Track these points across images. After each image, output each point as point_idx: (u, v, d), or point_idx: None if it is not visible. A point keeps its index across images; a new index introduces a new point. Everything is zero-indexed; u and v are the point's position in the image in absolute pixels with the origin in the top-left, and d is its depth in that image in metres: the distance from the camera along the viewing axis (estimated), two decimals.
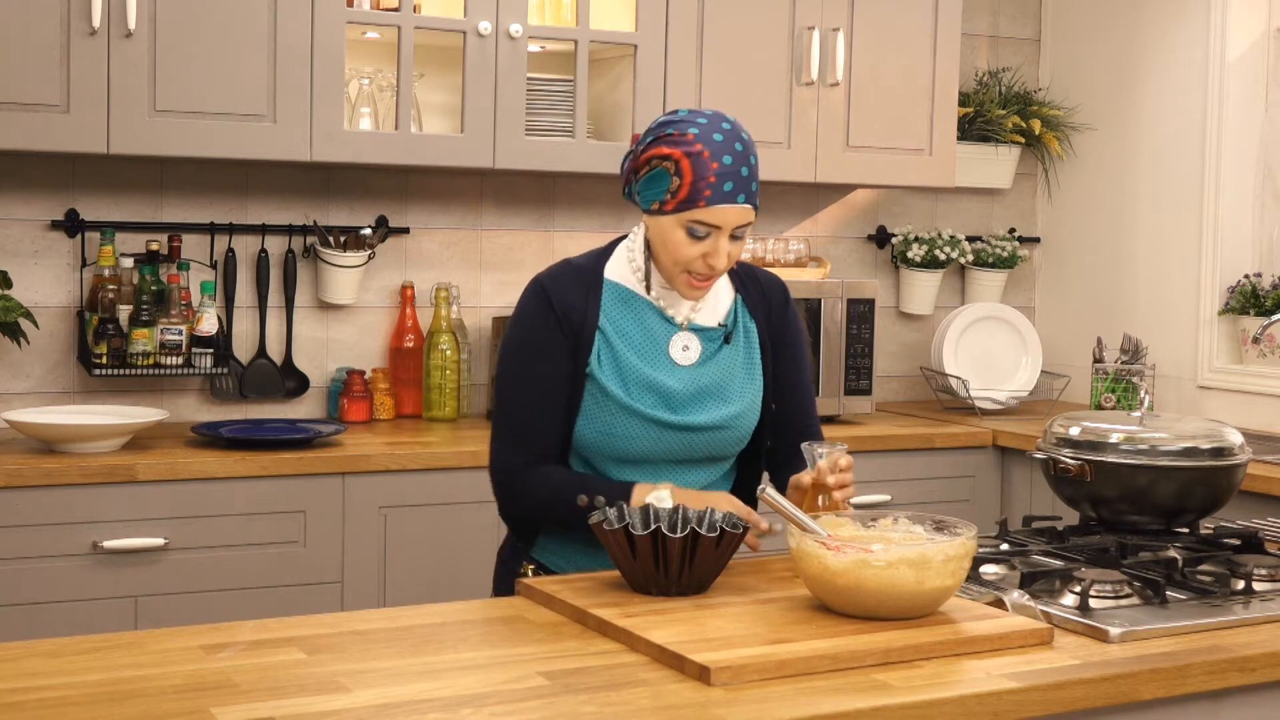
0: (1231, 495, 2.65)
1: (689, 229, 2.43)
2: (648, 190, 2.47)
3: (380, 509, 3.67)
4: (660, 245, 2.48)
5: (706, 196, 2.41)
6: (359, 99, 4.05)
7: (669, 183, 2.43)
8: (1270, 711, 2.11)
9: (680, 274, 2.48)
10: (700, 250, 2.44)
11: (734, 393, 2.56)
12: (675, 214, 2.44)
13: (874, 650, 1.95)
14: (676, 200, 2.43)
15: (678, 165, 2.42)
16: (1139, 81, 4.88)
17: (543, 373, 2.50)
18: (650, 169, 2.45)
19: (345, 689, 1.79)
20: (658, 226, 2.47)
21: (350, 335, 4.27)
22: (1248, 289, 4.56)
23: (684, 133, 2.42)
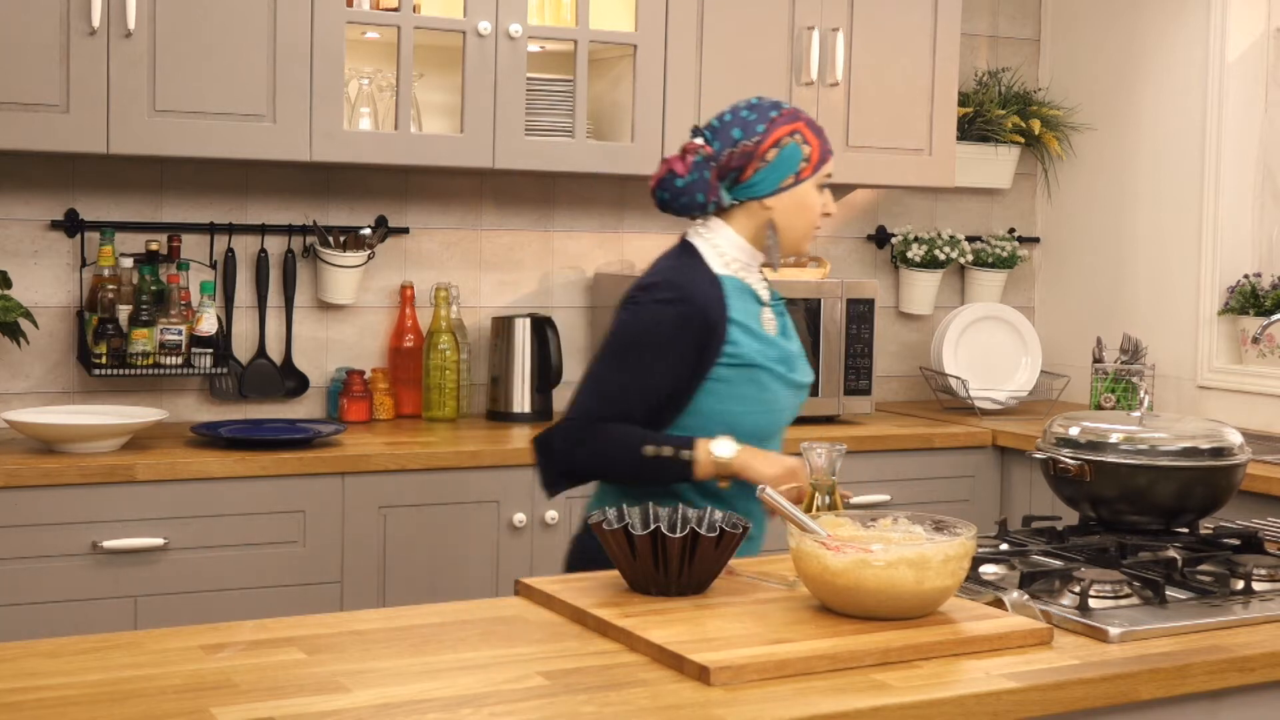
0: (1231, 495, 2.65)
1: (820, 185, 2.74)
2: (778, 170, 2.69)
3: (380, 509, 3.67)
4: (798, 212, 2.73)
5: (829, 152, 2.75)
6: (359, 99, 4.05)
7: (804, 151, 2.70)
8: (1269, 711, 2.11)
9: (812, 229, 2.77)
10: (824, 201, 2.76)
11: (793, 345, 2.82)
12: (813, 176, 2.72)
13: (873, 650, 1.95)
14: (812, 164, 2.72)
15: (803, 135, 2.70)
16: (1139, 81, 4.88)
17: (660, 368, 2.64)
18: (780, 149, 2.69)
19: (345, 689, 1.79)
20: (794, 197, 2.72)
21: (350, 335, 4.27)
22: (1247, 289, 4.56)
23: (781, 110, 2.72)
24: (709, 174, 2.70)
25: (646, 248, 4.61)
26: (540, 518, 3.82)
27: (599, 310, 4.52)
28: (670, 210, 2.76)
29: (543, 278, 4.50)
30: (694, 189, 2.70)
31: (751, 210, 2.72)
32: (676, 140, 4.22)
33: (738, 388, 2.67)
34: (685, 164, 2.70)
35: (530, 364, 4.27)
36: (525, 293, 4.48)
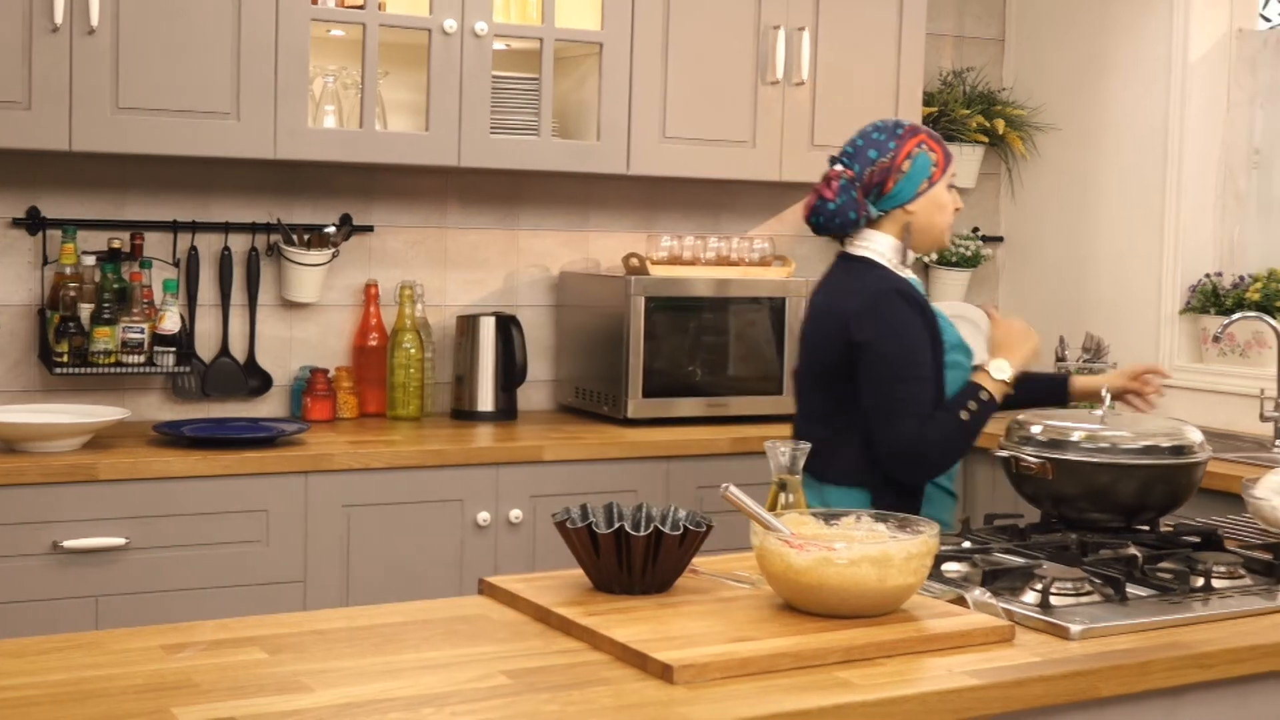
0: (1191, 493, 2.67)
1: (949, 185, 3.08)
2: (912, 179, 3.04)
3: (343, 508, 3.66)
4: (935, 213, 3.08)
5: (950, 155, 3.10)
6: (323, 97, 4.04)
7: (931, 158, 3.05)
8: (1229, 708, 2.13)
9: (948, 227, 3.11)
10: (953, 199, 3.11)
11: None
12: (943, 177, 3.07)
13: (836, 648, 1.95)
14: (941, 168, 3.06)
15: (928, 144, 3.06)
16: (1102, 82, 4.91)
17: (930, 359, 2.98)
18: (913, 159, 3.04)
19: (307, 688, 1.79)
20: (928, 200, 3.06)
21: (314, 334, 4.26)
22: (1208, 288, 4.59)
23: (904, 126, 3.08)
24: (855, 193, 3.03)
25: (611, 246, 4.61)
26: (504, 517, 3.81)
27: (564, 309, 4.52)
28: (825, 232, 3.09)
29: (508, 276, 4.50)
30: (845, 209, 3.02)
31: (896, 217, 3.06)
32: (642, 138, 4.23)
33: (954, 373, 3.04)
34: (832, 189, 3.03)
35: (495, 363, 4.27)
36: (490, 291, 4.47)
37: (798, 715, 1.76)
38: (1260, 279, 4.48)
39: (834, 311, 3.01)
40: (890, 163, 3.02)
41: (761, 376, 4.35)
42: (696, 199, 4.74)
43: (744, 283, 4.35)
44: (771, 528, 2.14)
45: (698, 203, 4.74)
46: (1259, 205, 4.66)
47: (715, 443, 4.06)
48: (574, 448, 3.91)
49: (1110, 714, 2.01)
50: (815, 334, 3.08)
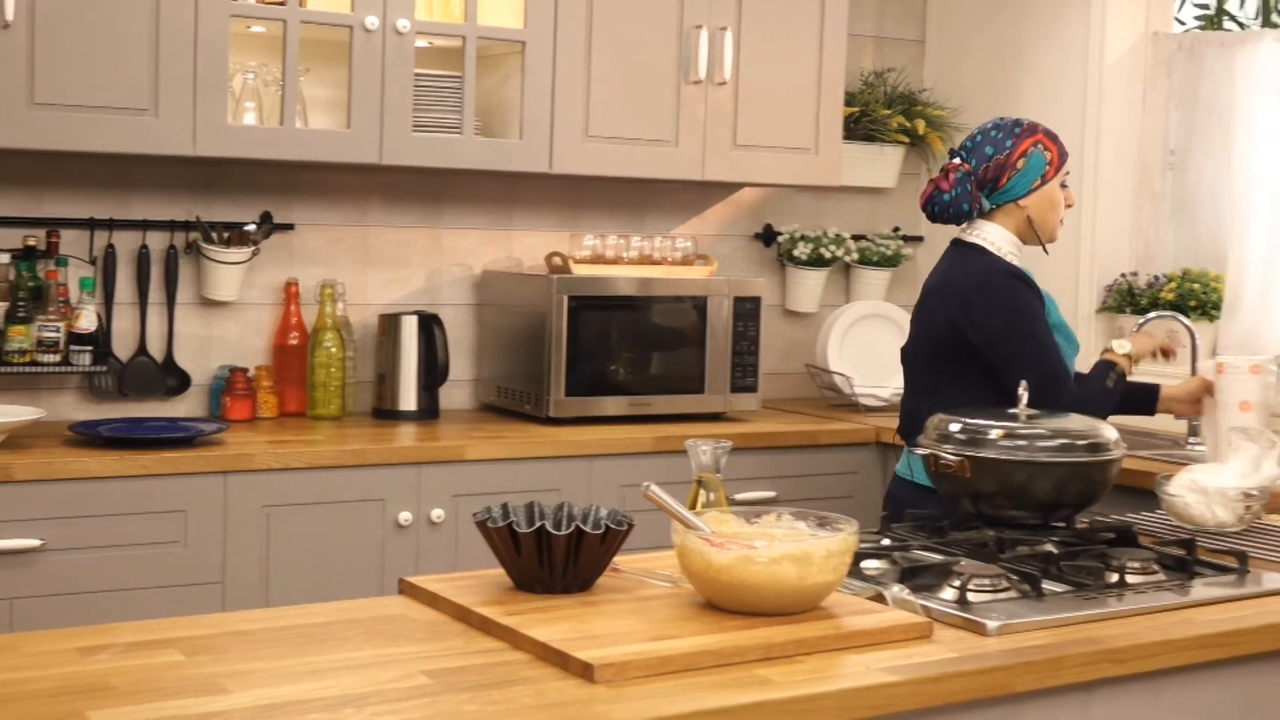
0: (1106, 490, 2.70)
1: (1063, 182, 3.31)
2: (1026, 176, 3.26)
3: (263, 508, 3.63)
4: (1049, 209, 3.31)
5: (1066, 155, 3.31)
6: (243, 93, 4.00)
7: (1046, 156, 3.27)
8: (1141, 701, 2.16)
9: (1059, 220, 3.34)
10: (1066, 195, 3.33)
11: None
12: (1056, 176, 3.29)
13: (756, 646, 1.96)
14: (1055, 166, 3.28)
15: (1043, 144, 3.27)
16: (1020, 83, 4.96)
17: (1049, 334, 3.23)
18: (1028, 157, 3.26)
19: (225, 690, 1.78)
20: (1045, 196, 3.29)
21: (233, 332, 4.22)
22: (1124, 288, 4.65)
23: (1023, 125, 3.29)
24: (970, 186, 3.25)
25: (534, 244, 4.61)
26: (426, 516, 3.80)
27: (487, 308, 4.51)
28: (939, 220, 3.31)
29: (430, 275, 4.48)
30: (960, 200, 3.26)
31: (1009, 210, 3.29)
32: (565, 137, 4.23)
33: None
34: (949, 181, 3.26)
35: (417, 362, 4.25)
36: (412, 290, 4.46)
37: (718, 713, 1.77)
38: (1174, 279, 4.55)
39: (948, 291, 3.27)
40: (1006, 159, 3.25)
41: (684, 375, 4.37)
42: (619, 198, 4.74)
43: (667, 282, 4.36)
44: (692, 526, 2.15)
45: (621, 202, 4.75)
46: (1174, 206, 4.73)
47: (638, 441, 4.07)
48: (496, 447, 3.91)
49: (1025, 709, 2.04)
50: (927, 313, 3.32)
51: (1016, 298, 3.21)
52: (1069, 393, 3.15)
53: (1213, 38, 4.64)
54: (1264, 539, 2.78)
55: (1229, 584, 2.44)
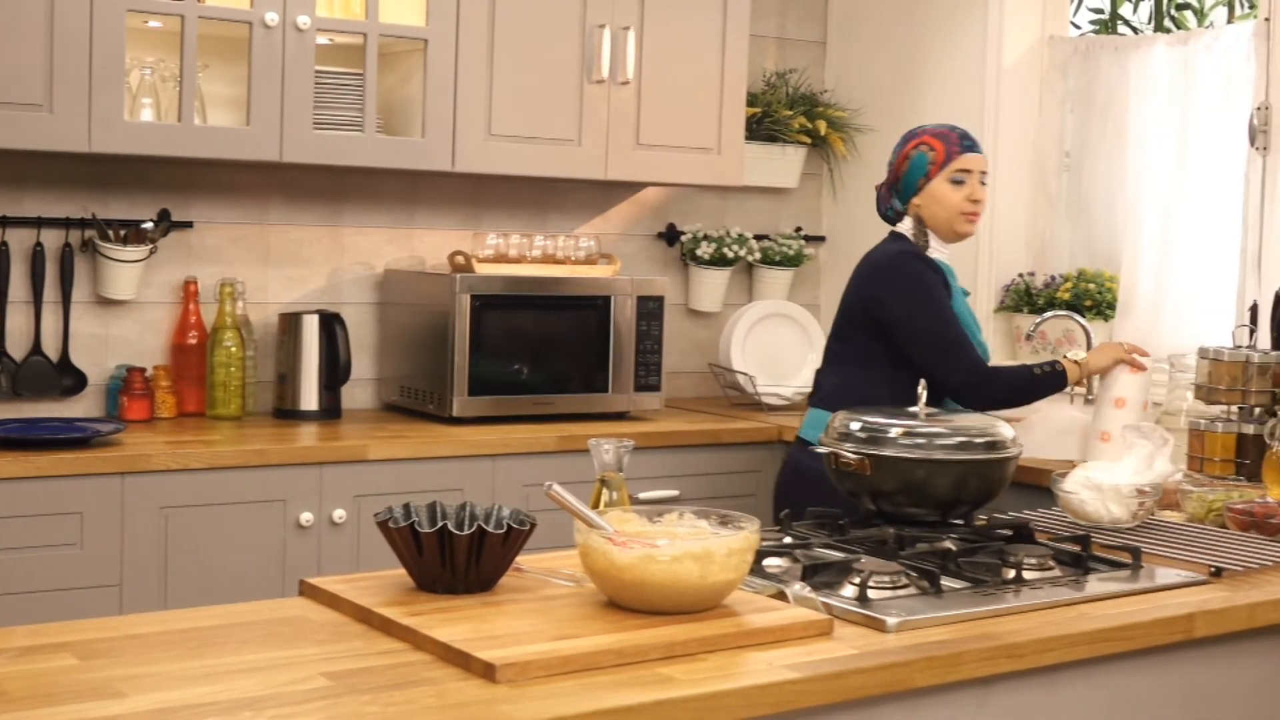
0: (1004, 487, 2.74)
1: (953, 179, 3.45)
2: (911, 177, 3.49)
3: (161, 509, 3.59)
4: (938, 206, 3.47)
5: (957, 152, 3.46)
6: (140, 89, 3.95)
7: (929, 156, 3.46)
8: (1038, 696, 2.19)
9: (958, 217, 3.46)
10: (963, 194, 3.45)
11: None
12: (943, 171, 3.44)
13: (658, 644, 1.97)
14: (938, 165, 3.45)
15: (928, 144, 3.47)
16: (920, 84, 5.01)
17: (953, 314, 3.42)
18: (910, 161, 3.49)
19: (120, 694, 1.75)
20: (930, 195, 3.48)
21: (131, 332, 4.17)
22: (1021, 288, 4.71)
23: (919, 131, 3.51)
24: (883, 192, 3.57)
25: (437, 243, 4.59)
26: (328, 517, 3.77)
27: (389, 307, 4.49)
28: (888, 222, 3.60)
29: (332, 274, 4.45)
30: (881, 204, 3.59)
31: (910, 210, 3.52)
32: (467, 136, 4.21)
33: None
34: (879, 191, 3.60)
35: (319, 361, 4.22)
36: (313, 289, 4.42)
37: (620, 712, 1.78)
38: (1070, 278, 4.61)
39: (860, 268, 3.55)
40: (896, 165, 3.54)
41: (587, 375, 4.37)
42: (522, 197, 4.73)
43: (570, 281, 4.36)
44: (595, 525, 2.15)
45: (524, 201, 4.74)
46: (1069, 207, 4.80)
47: (541, 441, 4.06)
48: (399, 446, 3.89)
49: (925, 704, 2.06)
50: (846, 289, 3.59)
51: (919, 277, 3.42)
52: (968, 359, 3.38)
53: (1107, 42, 4.72)
54: (1157, 535, 2.83)
55: (1123, 579, 2.48)
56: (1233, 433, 3.45)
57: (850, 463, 2.70)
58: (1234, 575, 2.56)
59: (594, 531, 2.13)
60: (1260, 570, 2.60)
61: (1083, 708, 2.26)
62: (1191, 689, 2.40)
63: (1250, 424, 3.43)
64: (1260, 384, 3.42)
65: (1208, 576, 2.53)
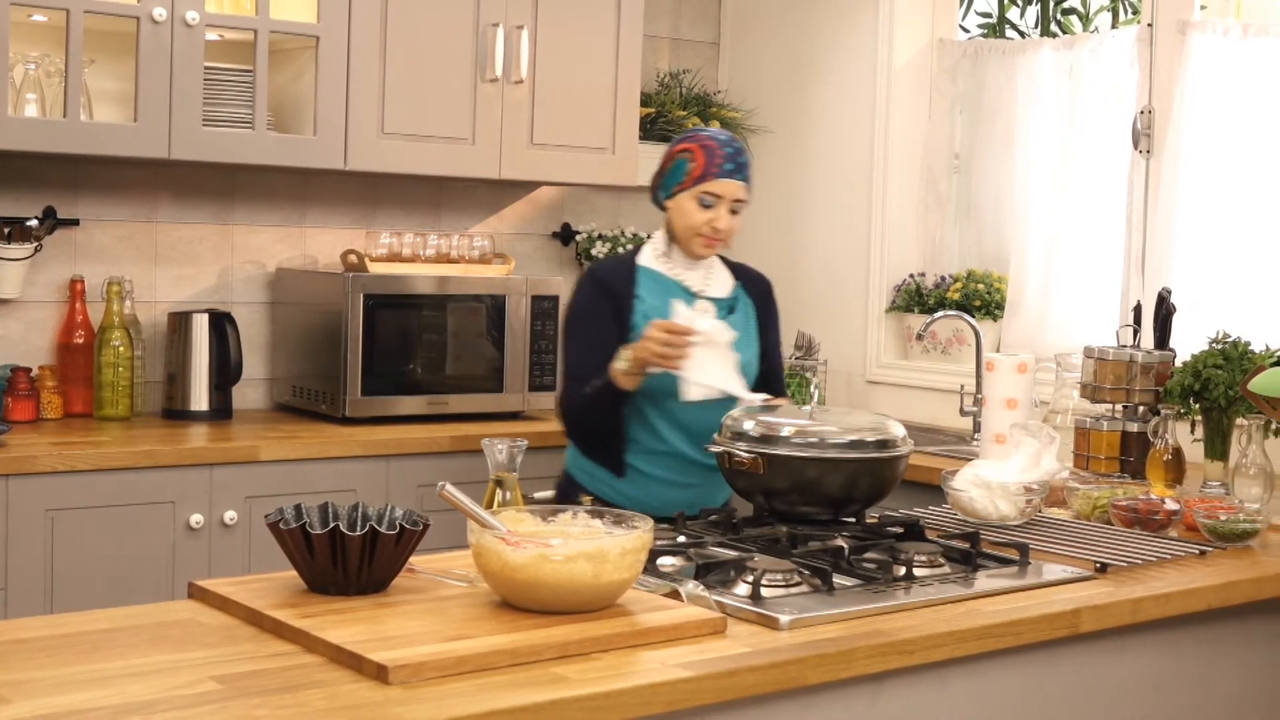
0: (895, 485, 2.77)
1: (700, 199, 3.24)
2: (670, 179, 3.28)
3: (47, 512, 3.52)
4: (680, 219, 3.27)
5: (714, 173, 3.23)
6: (24, 84, 3.88)
7: (688, 166, 3.24)
8: (927, 690, 2.22)
9: (694, 238, 3.26)
10: (707, 217, 3.24)
11: (738, 349, 3.18)
12: (692, 189, 3.24)
13: (552, 644, 1.97)
14: (692, 178, 3.24)
15: (693, 154, 3.25)
16: (812, 86, 5.05)
17: (594, 331, 3.25)
18: (673, 162, 3.27)
19: (4, 700, 1.72)
20: (677, 205, 3.27)
21: (15, 331, 4.09)
22: (912, 288, 4.76)
23: (695, 134, 3.30)
24: (654, 183, 3.35)
25: (330, 242, 4.55)
26: (219, 519, 3.73)
27: (280, 306, 4.44)
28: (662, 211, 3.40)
29: (222, 272, 4.40)
30: (651, 194, 3.38)
31: (666, 210, 3.33)
32: (360, 134, 4.18)
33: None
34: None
35: (209, 361, 4.17)
36: (203, 288, 4.37)
37: (514, 712, 1.77)
38: (960, 279, 4.68)
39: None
40: (662, 162, 3.33)
41: (482, 374, 4.35)
42: (416, 196, 4.71)
43: (464, 280, 4.35)
44: (488, 525, 2.14)
45: (417, 200, 4.71)
46: (959, 209, 4.86)
47: (435, 441, 4.04)
48: (291, 447, 3.85)
49: (818, 701, 2.08)
50: None
51: (577, 293, 3.34)
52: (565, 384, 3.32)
53: (995, 45, 4.79)
54: (1044, 531, 2.88)
55: (1011, 575, 2.52)
56: (1118, 431, 3.51)
57: (744, 462, 2.72)
58: (1119, 571, 2.60)
59: (487, 531, 2.13)
60: (1144, 565, 2.65)
61: (972, 703, 2.29)
62: (1078, 683, 2.44)
63: (1135, 422, 3.50)
64: (1144, 383, 3.49)
65: (1093, 572, 2.57)
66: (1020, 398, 3.36)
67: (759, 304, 3.42)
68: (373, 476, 3.94)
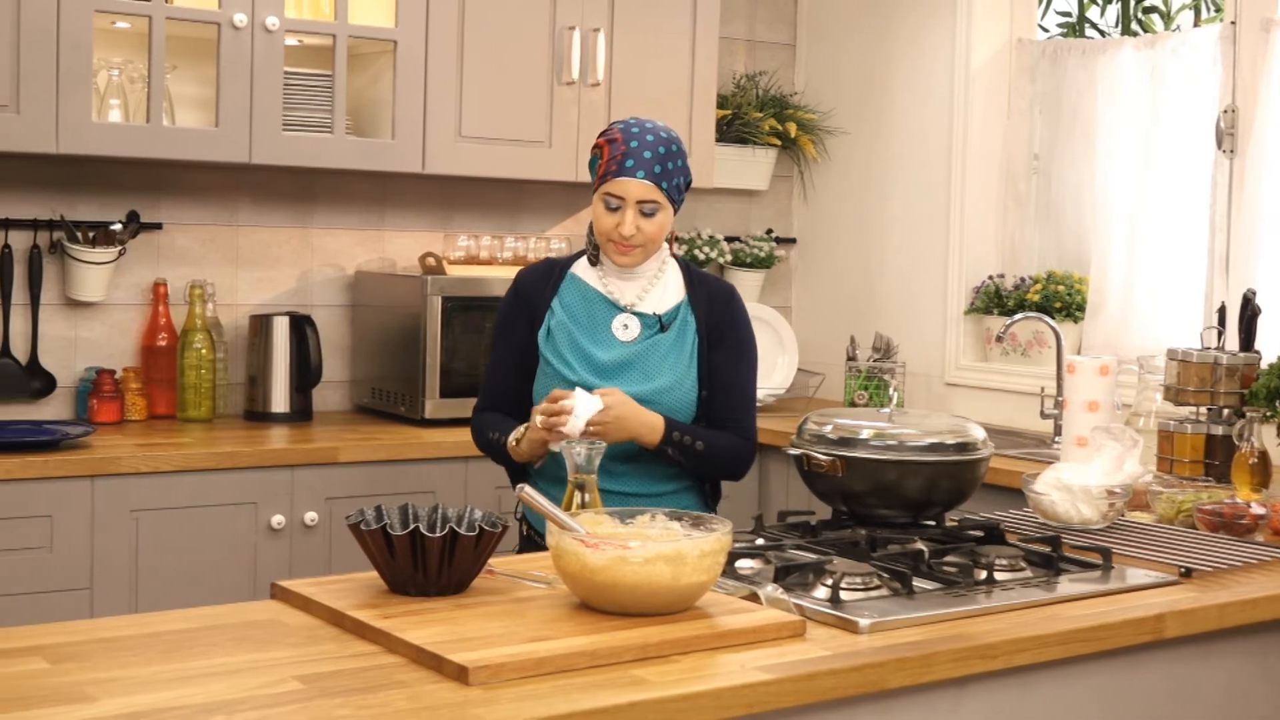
0: (975, 488, 2.75)
1: (605, 201, 2.92)
2: (591, 177, 2.98)
3: (131, 512, 3.57)
4: (594, 221, 2.97)
5: (613, 171, 2.91)
6: (108, 90, 3.93)
7: (596, 164, 2.95)
8: (1010, 696, 2.19)
9: (607, 244, 2.96)
10: (614, 220, 2.92)
11: (659, 371, 2.97)
12: (598, 189, 2.94)
13: (631, 646, 1.97)
14: (598, 177, 2.94)
15: (601, 151, 2.95)
16: (889, 87, 5.02)
17: (505, 344, 3.05)
18: (590, 158, 2.98)
19: (90, 698, 1.74)
20: (592, 207, 2.97)
21: (100, 334, 4.14)
22: (991, 289, 4.73)
23: (613, 128, 2.96)
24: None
25: (408, 245, 4.58)
26: (299, 519, 3.76)
27: (360, 309, 4.47)
28: None
29: (302, 275, 4.43)
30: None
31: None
32: (437, 137, 4.20)
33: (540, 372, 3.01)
34: None
35: (289, 363, 4.20)
36: (283, 290, 4.40)
37: (594, 714, 1.77)
38: (1040, 281, 4.63)
39: None
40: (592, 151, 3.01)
41: None
42: (493, 198, 4.73)
43: None
44: (567, 527, 2.15)
45: (494, 202, 4.73)
46: (1038, 209, 4.82)
47: None
48: (370, 449, 3.88)
49: (898, 705, 2.07)
50: None
51: (501, 304, 3.10)
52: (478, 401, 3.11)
53: (1075, 45, 4.74)
54: (1127, 535, 2.84)
55: (1094, 580, 2.49)
56: (1202, 434, 3.46)
57: (822, 464, 2.71)
58: (1203, 576, 2.57)
59: (566, 533, 2.13)
60: (1229, 570, 2.62)
61: (1055, 708, 2.26)
62: (1162, 689, 2.41)
63: (1219, 425, 3.45)
64: (1229, 385, 3.44)
65: (1177, 577, 2.54)
66: (1102, 400, 3.32)
67: (709, 320, 3.04)
68: (452, 478, 3.95)
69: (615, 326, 2.99)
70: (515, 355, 3.03)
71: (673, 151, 2.94)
